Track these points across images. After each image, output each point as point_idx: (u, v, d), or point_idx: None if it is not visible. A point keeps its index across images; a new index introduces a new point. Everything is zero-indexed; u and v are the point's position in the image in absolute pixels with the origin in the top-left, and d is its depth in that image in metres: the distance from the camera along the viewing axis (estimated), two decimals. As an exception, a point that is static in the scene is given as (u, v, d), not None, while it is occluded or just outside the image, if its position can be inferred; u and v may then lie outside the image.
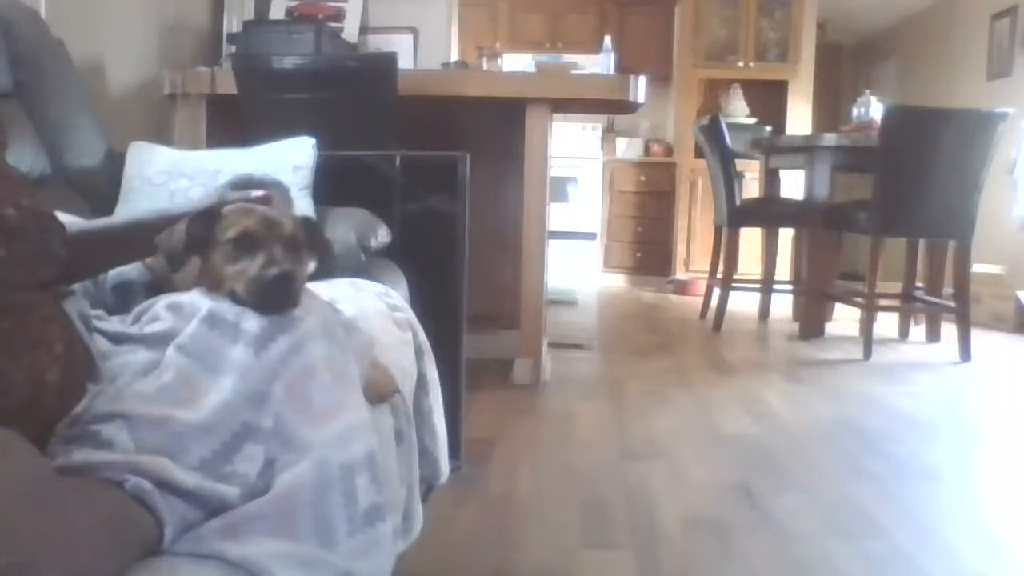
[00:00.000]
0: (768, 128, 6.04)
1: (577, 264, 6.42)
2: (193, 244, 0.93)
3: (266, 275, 0.85)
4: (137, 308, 0.94)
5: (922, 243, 4.35)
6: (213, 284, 0.90)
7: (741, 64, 6.33)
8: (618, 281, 6.64)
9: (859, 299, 4.03)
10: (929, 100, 6.35)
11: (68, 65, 1.82)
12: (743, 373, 3.38)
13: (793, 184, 5.01)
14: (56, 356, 0.75)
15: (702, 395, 2.95)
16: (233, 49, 3.07)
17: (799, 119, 6.25)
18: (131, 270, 1.12)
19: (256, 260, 0.87)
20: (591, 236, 6.53)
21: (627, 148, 6.85)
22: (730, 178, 4.58)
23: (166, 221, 0.96)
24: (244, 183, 0.99)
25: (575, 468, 2.11)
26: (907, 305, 4.37)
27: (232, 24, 3.29)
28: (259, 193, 0.95)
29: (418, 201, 1.92)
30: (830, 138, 4.13)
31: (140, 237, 0.99)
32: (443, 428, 1.45)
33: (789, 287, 4.83)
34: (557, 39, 6.83)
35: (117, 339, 0.88)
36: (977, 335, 4.00)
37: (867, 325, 3.75)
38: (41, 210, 0.81)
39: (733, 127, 5.20)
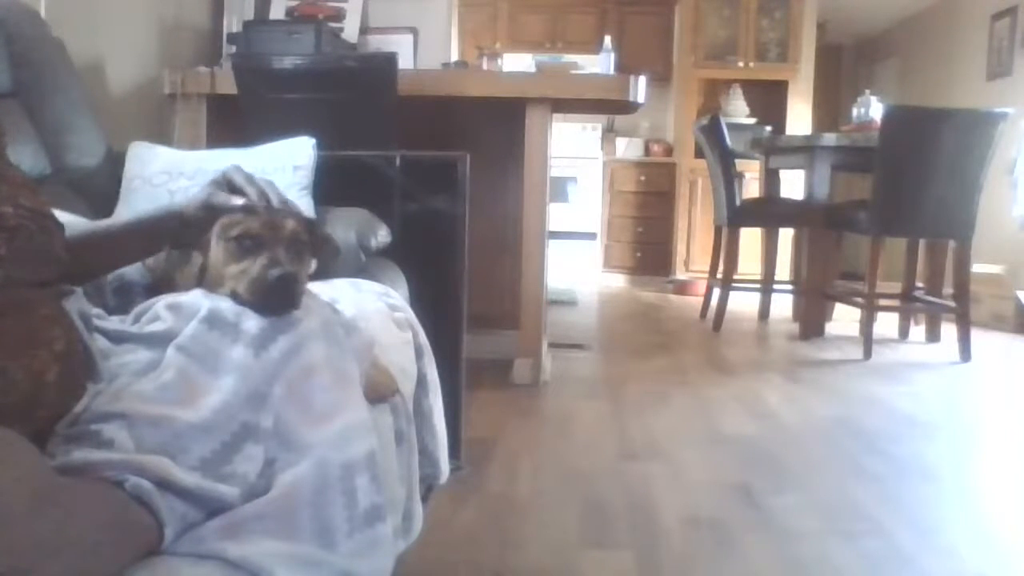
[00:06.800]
0: (768, 128, 6.05)
1: (577, 264, 6.43)
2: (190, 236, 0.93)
3: (268, 276, 0.84)
4: (137, 308, 0.94)
5: (922, 243, 4.35)
6: (214, 284, 0.90)
7: (741, 64, 6.34)
8: (618, 281, 6.64)
9: (859, 299, 4.04)
10: (929, 100, 6.35)
11: (68, 65, 1.82)
12: (743, 373, 3.38)
13: (793, 184, 5.01)
14: (56, 355, 0.75)
15: (702, 395, 2.95)
16: (233, 49, 3.07)
17: (799, 119, 6.26)
18: (131, 271, 1.12)
19: (258, 261, 0.87)
20: (591, 236, 6.53)
21: (627, 148, 6.85)
22: (730, 178, 4.58)
23: (164, 221, 0.95)
24: (231, 186, 0.98)
25: (575, 468, 2.11)
26: (907, 305, 4.37)
27: (232, 24, 3.29)
28: (239, 201, 0.95)
29: (418, 201, 1.92)
30: (830, 138, 4.14)
31: (139, 239, 0.98)
32: (443, 428, 1.44)
33: (789, 287, 4.83)
34: (557, 39, 6.83)
35: (117, 338, 0.88)
36: (977, 335, 4.00)
37: (867, 325, 3.75)
38: (41, 210, 0.81)
39: (733, 127, 5.20)
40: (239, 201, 0.95)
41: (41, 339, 0.74)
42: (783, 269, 5.11)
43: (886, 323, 4.39)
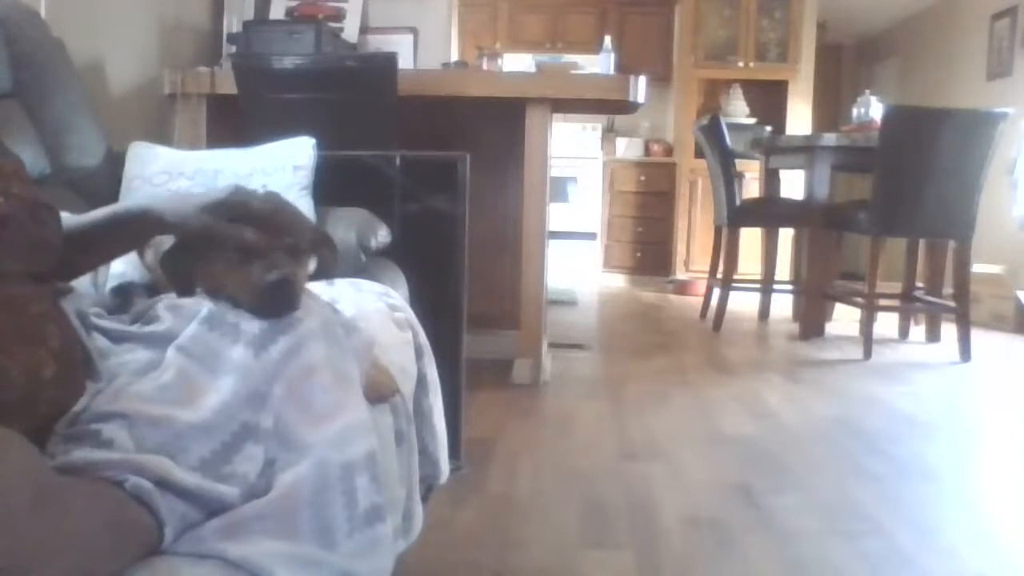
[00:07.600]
0: (768, 128, 6.05)
1: (577, 264, 6.43)
2: (195, 262, 0.89)
3: (266, 280, 0.84)
4: (137, 308, 0.94)
5: (922, 243, 4.35)
6: (213, 289, 0.90)
7: (741, 64, 6.34)
8: (618, 281, 6.64)
9: (859, 299, 4.04)
10: (929, 100, 6.35)
11: (68, 65, 1.82)
12: (743, 373, 3.38)
13: (793, 184, 5.01)
14: (52, 352, 0.74)
15: (702, 395, 2.95)
16: (233, 49, 3.07)
17: (799, 119, 6.26)
18: (131, 271, 1.12)
19: (256, 265, 0.86)
20: (591, 236, 6.53)
21: (627, 148, 6.85)
22: (730, 178, 4.58)
23: (150, 214, 0.90)
24: (240, 211, 0.88)
25: (575, 468, 2.11)
26: (907, 305, 4.37)
27: (232, 24, 3.29)
28: (249, 235, 0.84)
29: (418, 201, 1.92)
30: (830, 138, 4.14)
31: (129, 227, 0.94)
32: (443, 428, 1.45)
33: (789, 287, 4.83)
34: (557, 39, 6.84)
35: (117, 338, 0.88)
36: (977, 335, 4.00)
37: (867, 325, 3.75)
38: (34, 199, 0.80)
39: (733, 127, 5.20)
40: (249, 235, 0.84)
41: (37, 336, 0.74)
42: (783, 269, 5.11)
43: (886, 323, 4.39)
